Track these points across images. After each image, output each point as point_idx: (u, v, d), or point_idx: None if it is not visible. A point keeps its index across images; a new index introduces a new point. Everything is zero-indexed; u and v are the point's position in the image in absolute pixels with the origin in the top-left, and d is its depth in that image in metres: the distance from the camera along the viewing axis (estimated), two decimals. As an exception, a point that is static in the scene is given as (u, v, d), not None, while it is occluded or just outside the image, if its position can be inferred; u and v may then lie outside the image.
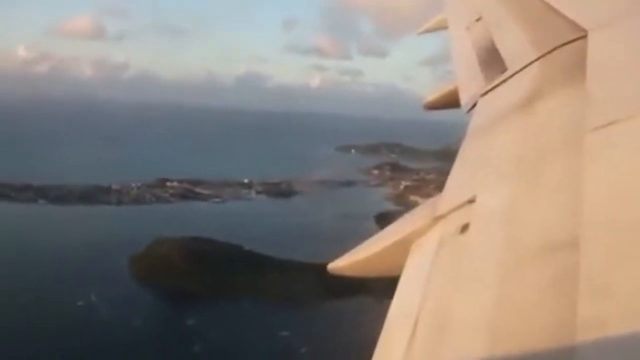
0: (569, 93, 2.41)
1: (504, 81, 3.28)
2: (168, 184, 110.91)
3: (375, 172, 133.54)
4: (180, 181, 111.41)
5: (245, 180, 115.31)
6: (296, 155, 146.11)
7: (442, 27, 6.99)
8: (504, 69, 3.46)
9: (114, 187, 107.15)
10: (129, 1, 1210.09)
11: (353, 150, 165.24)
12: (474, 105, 3.40)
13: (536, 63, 3.09)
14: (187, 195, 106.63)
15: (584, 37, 2.81)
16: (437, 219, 2.26)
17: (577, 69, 2.45)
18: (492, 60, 3.84)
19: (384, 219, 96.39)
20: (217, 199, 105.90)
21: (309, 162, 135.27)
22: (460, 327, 1.57)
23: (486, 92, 3.38)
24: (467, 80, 4.03)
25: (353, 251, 2.80)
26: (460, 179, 2.51)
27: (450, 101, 4.75)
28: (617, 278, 1.24)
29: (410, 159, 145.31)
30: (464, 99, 3.74)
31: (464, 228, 2.00)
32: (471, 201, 2.14)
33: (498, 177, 2.23)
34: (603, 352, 1.16)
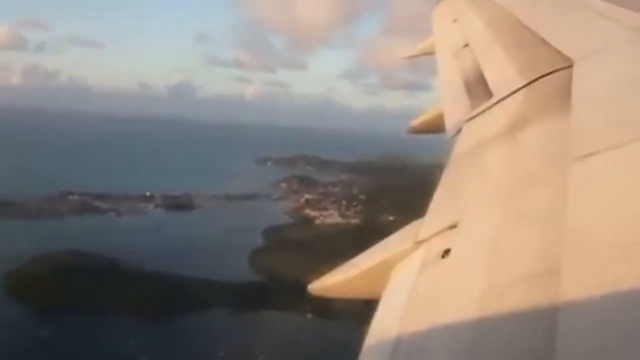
0: (553, 122, 2.43)
1: (490, 107, 3.31)
2: (70, 197, 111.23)
3: (283, 185, 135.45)
4: (81, 194, 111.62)
5: (147, 194, 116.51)
6: (209, 168, 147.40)
7: (428, 52, 7.06)
8: (489, 96, 3.49)
9: (17, 200, 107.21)
10: (47, 14, 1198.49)
11: (269, 163, 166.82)
12: (459, 130, 3.42)
13: (522, 91, 3.12)
14: (84, 209, 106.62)
15: (570, 66, 2.85)
16: (419, 243, 2.28)
17: (562, 98, 2.48)
18: (478, 87, 3.88)
19: (271, 233, 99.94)
20: (113, 213, 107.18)
21: (221, 174, 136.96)
22: (440, 353, 1.59)
23: (471, 118, 3.41)
24: (453, 105, 4.07)
25: (334, 272, 2.81)
26: (442, 203, 2.53)
27: (435, 126, 4.80)
28: (598, 307, 1.24)
29: (324, 171, 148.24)
30: (449, 124, 3.77)
31: (445, 253, 2.02)
32: (453, 227, 2.15)
33: (481, 204, 2.24)
34: None
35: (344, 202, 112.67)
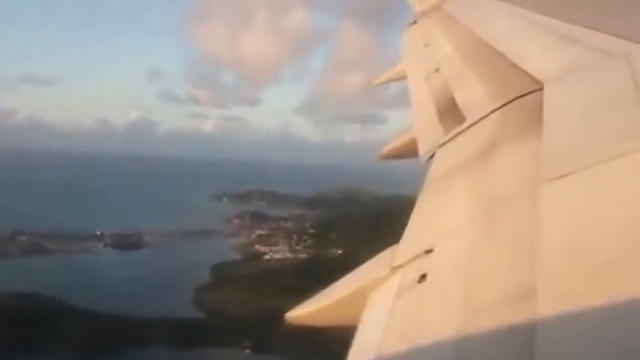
0: (525, 144, 2.46)
1: (462, 132, 3.32)
2: (19, 237, 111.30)
3: (236, 221, 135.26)
4: (32, 234, 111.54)
5: (98, 233, 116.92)
6: (164, 205, 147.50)
7: (400, 77, 7.06)
8: (462, 120, 3.50)
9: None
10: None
11: (225, 199, 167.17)
12: (432, 155, 3.43)
13: (494, 114, 3.15)
14: (34, 249, 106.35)
15: (540, 89, 2.88)
16: (395, 269, 2.28)
17: (534, 121, 2.50)
18: (450, 111, 3.89)
19: (218, 270, 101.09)
20: (62, 253, 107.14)
21: (175, 211, 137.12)
22: None
23: (444, 143, 3.42)
24: (426, 130, 4.08)
25: (310, 300, 2.81)
26: (417, 229, 2.55)
27: (408, 151, 4.79)
28: (574, 326, 1.26)
29: (279, 206, 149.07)
30: (422, 149, 3.77)
31: (422, 278, 2.03)
32: (429, 251, 2.17)
33: (455, 228, 2.24)
34: None
35: (294, 237, 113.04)
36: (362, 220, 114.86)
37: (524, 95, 3.04)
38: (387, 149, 5.90)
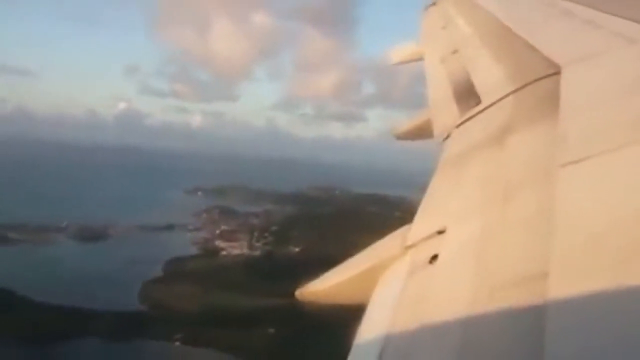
0: (541, 128, 2.44)
1: (478, 114, 3.31)
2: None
3: (205, 215, 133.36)
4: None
5: (64, 224, 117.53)
6: (137, 198, 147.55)
7: (416, 58, 7.10)
8: (478, 102, 3.50)
9: None
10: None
11: (200, 193, 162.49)
12: (447, 136, 3.42)
13: (510, 97, 3.13)
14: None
15: (558, 73, 2.86)
16: (407, 248, 2.29)
17: (550, 104, 2.49)
18: (466, 93, 3.89)
19: (172, 264, 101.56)
20: (26, 244, 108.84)
21: (147, 204, 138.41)
22: (428, 353, 1.60)
23: (460, 124, 3.41)
24: (441, 111, 4.08)
25: (322, 278, 2.81)
26: (430, 209, 2.55)
27: (423, 132, 4.81)
28: (585, 309, 1.26)
29: (253, 202, 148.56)
30: (438, 130, 3.77)
31: (434, 258, 2.04)
32: (441, 232, 2.17)
33: (468, 209, 2.25)
34: None
35: (255, 234, 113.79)
36: (328, 218, 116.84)
37: (541, 79, 3.01)
38: (402, 128, 5.85)
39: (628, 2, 3.48)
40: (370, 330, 1.97)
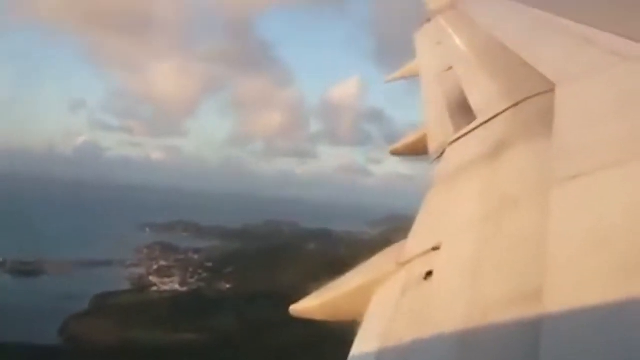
0: (536, 145, 2.46)
1: (473, 130, 3.33)
2: None
3: (145, 251, 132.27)
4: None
5: (1, 259, 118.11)
6: (81, 233, 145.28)
7: (412, 74, 7.19)
8: (472, 119, 3.52)
9: None
10: None
11: (147, 229, 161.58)
12: (442, 152, 3.46)
13: (504, 114, 3.15)
14: None
15: (552, 90, 2.87)
16: (401, 265, 2.30)
17: (545, 122, 2.50)
18: (461, 109, 3.91)
19: (99, 299, 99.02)
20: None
21: (89, 240, 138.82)
22: None
23: (454, 141, 3.44)
24: (436, 128, 4.11)
25: (316, 294, 2.82)
26: (425, 225, 2.56)
27: (418, 148, 4.87)
28: (580, 327, 1.26)
29: (199, 238, 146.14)
30: (432, 147, 3.81)
31: (428, 275, 2.03)
32: (436, 248, 2.18)
33: (463, 226, 2.25)
34: None
35: (189, 270, 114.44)
36: (268, 254, 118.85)
37: (536, 96, 3.02)
38: (398, 145, 5.88)
39: (622, 20, 3.54)
40: (364, 346, 1.98)
